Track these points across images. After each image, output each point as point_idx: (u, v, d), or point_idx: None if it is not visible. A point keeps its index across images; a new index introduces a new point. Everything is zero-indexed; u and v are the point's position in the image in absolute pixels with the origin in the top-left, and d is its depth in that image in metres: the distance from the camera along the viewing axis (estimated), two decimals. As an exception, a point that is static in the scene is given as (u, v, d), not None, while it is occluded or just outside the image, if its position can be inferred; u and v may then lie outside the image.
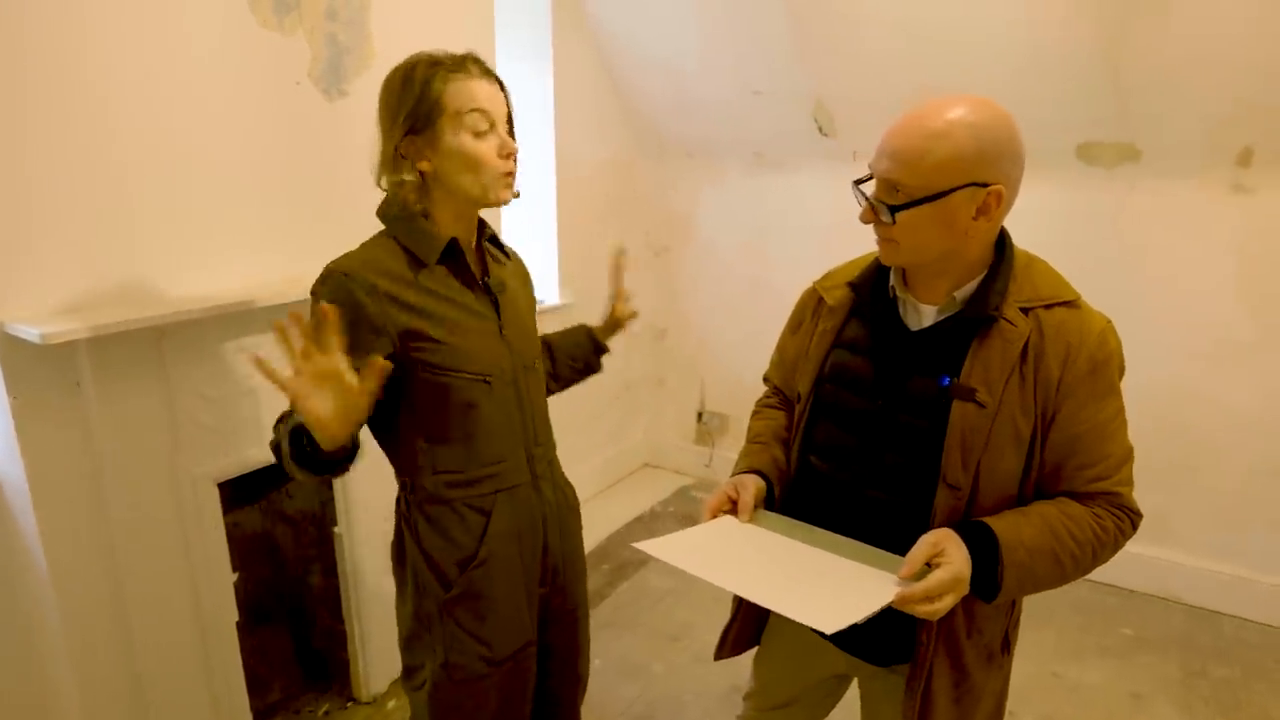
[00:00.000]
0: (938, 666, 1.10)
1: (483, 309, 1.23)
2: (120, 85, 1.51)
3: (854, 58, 2.69)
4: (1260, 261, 2.46)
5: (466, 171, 1.16)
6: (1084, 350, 1.01)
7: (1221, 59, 2.21)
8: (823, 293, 1.27)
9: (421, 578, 1.27)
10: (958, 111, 0.97)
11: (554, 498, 1.36)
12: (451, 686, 1.29)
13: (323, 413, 0.98)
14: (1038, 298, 1.05)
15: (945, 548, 0.97)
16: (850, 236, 3.53)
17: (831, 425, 1.19)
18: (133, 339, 1.55)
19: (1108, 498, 1.04)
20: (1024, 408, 1.02)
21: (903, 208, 1.00)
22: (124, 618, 1.66)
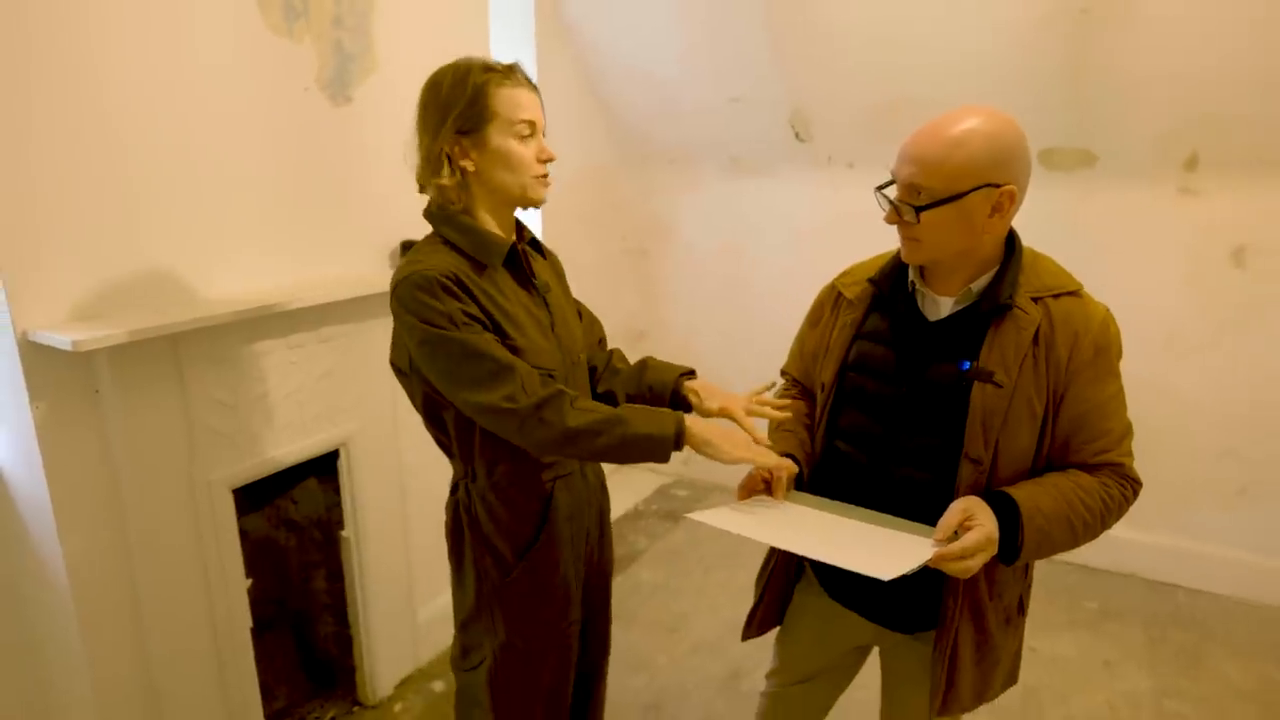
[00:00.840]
0: (963, 629, 1.19)
1: (536, 310, 1.29)
2: (133, 91, 1.52)
3: (830, 67, 2.81)
4: (1206, 259, 2.66)
5: (508, 172, 1.22)
6: (1089, 335, 1.11)
7: (1171, 74, 2.39)
8: (842, 289, 1.35)
9: (481, 563, 1.33)
10: (973, 121, 1.07)
11: (595, 482, 1.44)
12: (510, 664, 1.35)
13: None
14: (1045, 288, 1.14)
15: (975, 512, 1.06)
16: (826, 239, 3.70)
17: (856, 411, 1.27)
18: (150, 345, 1.55)
19: (1113, 468, 1.14)
20: (1037, 388, 1.11)
21: (926, 208, 1.09)
22: (140, 624, 1.66)
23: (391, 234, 2.12)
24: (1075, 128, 2.63)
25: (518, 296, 1.27)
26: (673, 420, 1.18)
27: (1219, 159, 2.55)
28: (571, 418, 1.14)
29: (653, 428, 1.16)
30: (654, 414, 1.19)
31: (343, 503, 2.08)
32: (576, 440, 1.15)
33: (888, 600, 1.25)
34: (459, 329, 1.15)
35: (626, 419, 1.17)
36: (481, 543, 1.32)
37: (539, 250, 1.42)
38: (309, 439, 1.92)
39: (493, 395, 1.14)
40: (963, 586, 1.16)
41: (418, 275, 1.16)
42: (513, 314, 1.24)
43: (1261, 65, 2.28)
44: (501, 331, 1.21)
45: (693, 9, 2.87)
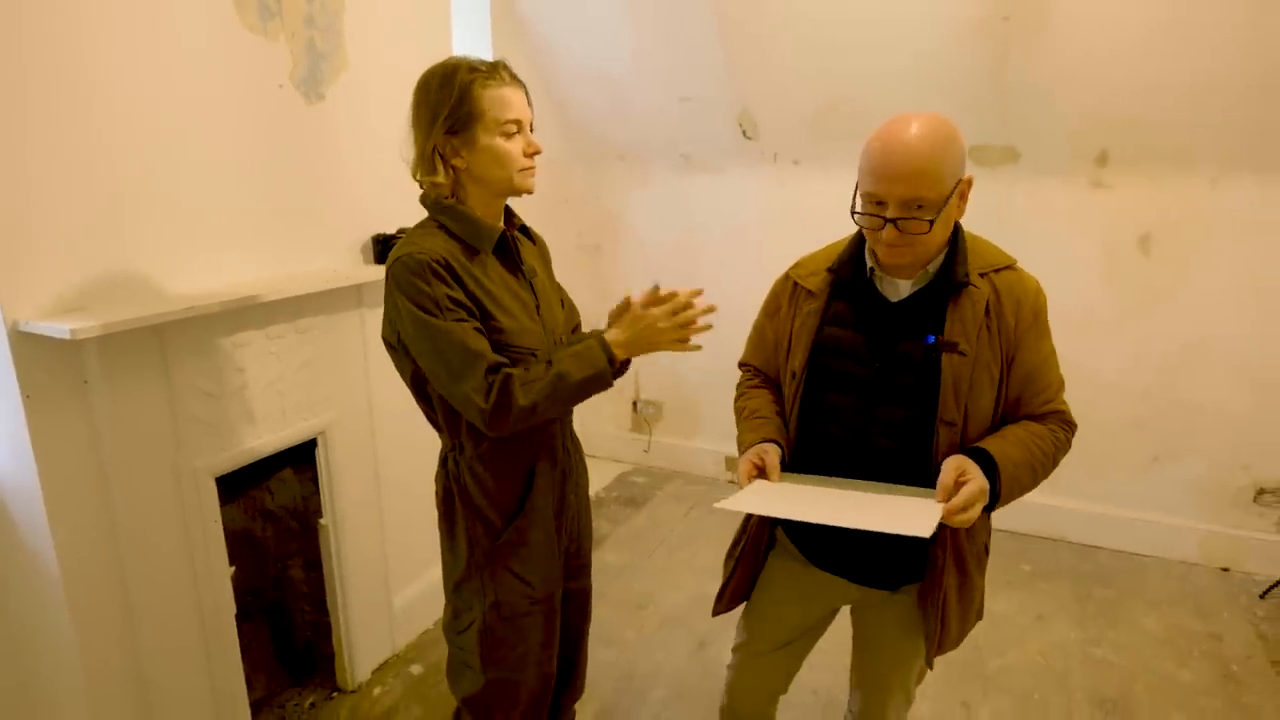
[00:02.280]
0: (948, 574, 1.31)
1: (524, 293, 1.38)
2: (116, 89, 1.55)
3: (776, 69, 2.97)
4: (1116, 247, 2.92)
5: (497, 168, 1.30)
6: (1029, 303, 1.26)
7: (1082, 78, 2.62)
8: (798, 280, 1.42)
9: (472, 530, 1.41)
10: (933, 128, 1.17)
11: (575, 455, 1.52)
12: (500, 623, 1.43)
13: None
14: (989, 265, 1.28)
15: (966, 469, 1.17)
16: (773, 233, 3.88)
17: (833, 391, 1.34)
18: (137, 336, 1.58)
19: (1056, 415, 1.29)
20: (993, 353, 1.24)
21: (936, 216, 1.18)
22: (130, 613, 1.68)
23: (364, 229, 2.17)
24: (1000, 126, 2.86)
25: (505, 280, 1.35)
26: (599, 350, 1.28)
27: (1126, 156, 2.80)
28: (522, 396, 1.23)
29: (588, 368, 1.27)
30: (582, 355, 1.28)
31: (320, 491, 2.12)
32: (534, 412, 1.25)
33: (873, 560, 1.36)
34: (442, 315, 1.23)
35: (564, 372, 1.26)
36: (472, 511, 1.40)
37: (529, 237, 1.51)
38: (289, 428, 1.96)
39: (462, 385, 1.23)
40: (949, 536, 1.28)
41: (410, 258, 1.25)
42: (499, 297, 1.32)
43: (1160, 72, 2.53)
44: (487, 313, 1.28)
45: (644, 12, 2.99)
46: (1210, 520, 3.02)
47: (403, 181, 2.24)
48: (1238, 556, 2.98)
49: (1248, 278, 2.76)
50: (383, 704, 2.24)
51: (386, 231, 2.20)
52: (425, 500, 2.49)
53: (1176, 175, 2.77)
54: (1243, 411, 2.88)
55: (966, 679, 2.36)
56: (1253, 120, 2.54)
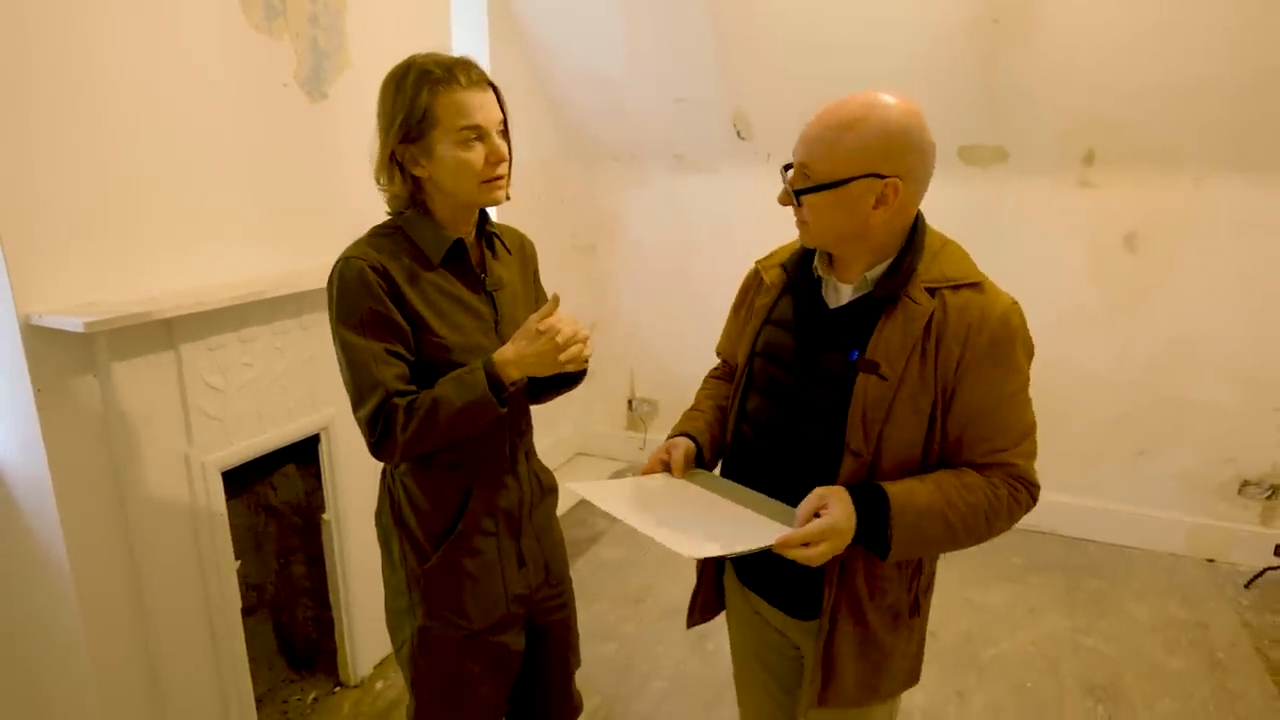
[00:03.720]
0: (842, 624, 1.15)
1: (481, 306, 1.28)
2: (121, 86, 1.57)
3: (770, 70, 3.01)
4: (1102, 244, 2.98)
5: (455, 179, 1.20)
6: (985, 329, 1.06)
7: (1069, 80, 2.68)
8: (762, 271, 1.33)
9: (402, 546, 1.33)
10: (867, 106, 1.04)
11: (530, 484, 1.39)
12: (428, 649, 1.34)
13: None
14: (944, 279, 1.09)
15: (828, 501, 1.04)
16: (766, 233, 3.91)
17: (760, 397, 1.24)
18: (147, 330, 1.60)
19: (1004, 469, 1.09)
20: (924, 382, 1.07)
21: (805, 192, 1.08)
22: (140, 606, 1.70)
23: (366, 225, 2.18)
24: (990, 127, 2.91)
25: (459, 294, 1.26)
26: (480, 377, 1.18)
27: (1112, 155, 2.86)
28: (400, 431, 1.17)
29: (467, 395, 1.17)
30: (463, 379, 1.19)
31: (324, 487, 2.14)
32: (416, 443, 1.18)
33: (785, 586, 1.23)
34: (358, 331, 1.18)
35: (444, 398, 1.17)
36: (402, 527, 1.32)
37: (505, 246, 1.39)
38: (294, 423, 1.98)
39: (359, 411, 1.20)
40: (837, 578, 1.14)
41: (348, 264, 1.19)
42: (446, 311, 1.24)
43: (1146, 74, 2.59)
44: (428, 328, 1.22)
45: (639, 13, 3.02)
46: (1196, 513, 3.08)
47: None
48: (1223, 548, 3.05)
49: (1232, 274, 2.82)
50: (385, 698, 2.26)
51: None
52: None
53: (1162, 175, 2.83)
54: (1227, 406, 2.95)
55: (960, 668, 2.40)
56: (1236, 121, 2.60)
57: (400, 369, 1.20)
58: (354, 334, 1.18)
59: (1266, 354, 2.86)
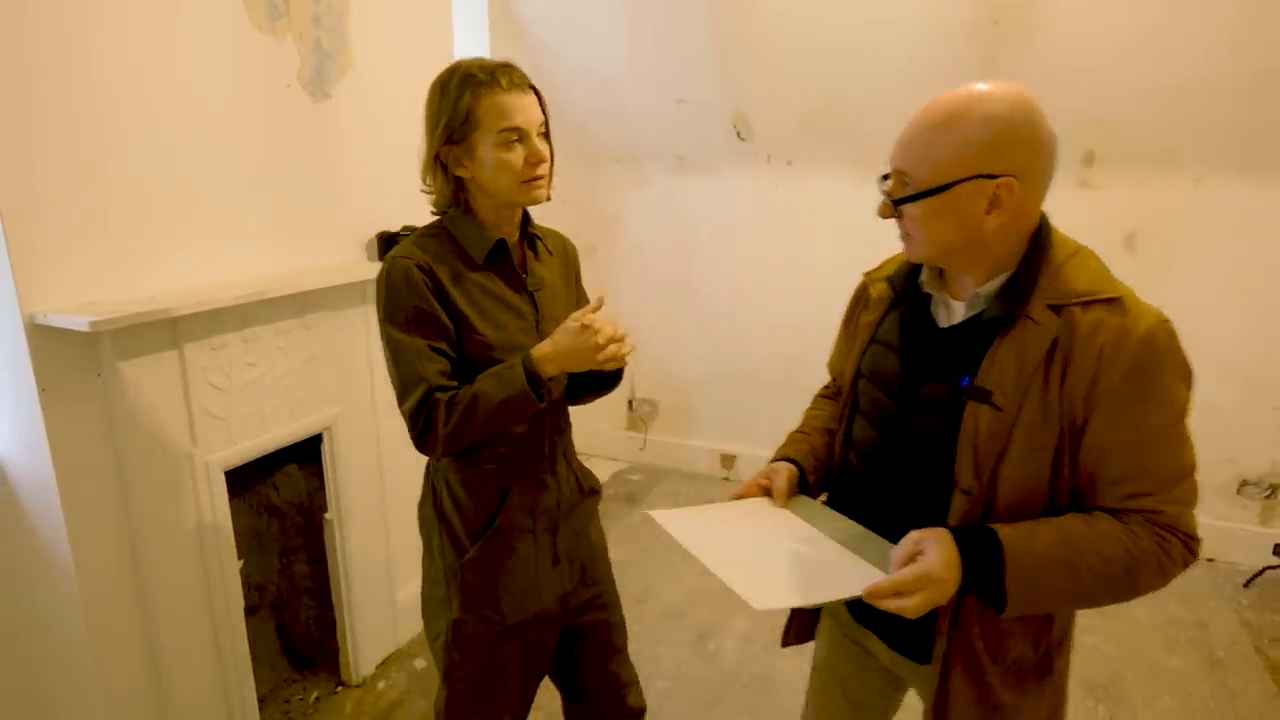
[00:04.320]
0: (957, 679, 1.04)
1: (522, 305, 1.32)
2: (125, 87, 1.57)
3: (770, 71, 3.02)
4: (1103, 245, 2.94)
5: (496, 179, 1.23)
6: (1122, 352, 0.91)
7: (1069, 81, 2.69)
8: (869, 283, 1.22)
9: (441, 540, 1.36)
10: (968, 99, 0.94)
11: (569, 484, 1.41)
12: (459, 644, 1.37)
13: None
14: (1072, 294, 0.95)
15: (925, 545, 0.93)
16: (766, 233, 3.92)
17: (866, 424, 1.14)
18: (151, 329, 1.61)
19: (1147, 515, 0.93)
20: (1047, 414, 0.94)
21: (904, 201, 0.98)
22: (143, 606, 1.70)
23: (369, 226, 2.20)
24: (989, 128, 2.92)
25: (502, 293, 1.30)
26: (519, 372, 1.20)
27: (1112, 156, 2.87)
28: (441, 425, 1.20)
29: (506, 390, 1.20)
30: (502, 374, 1.21)
31: (326, 486, 2.14)
32: (457, 437, 1.22)
33: (897, 621, 1.04)
34: (403, 328, 1.22)
35: (484, 393, 1.20)
36: (442, 521, 1.36)
37: (547, 246, 1.43)
38: (296, 422, 1.98)
39: (402, 404, 1.24)
40: (949, 627, 1.03)
41: (395, 263, 1.24)
42: (489, 309, 1.28)
43: (1145, 75, 2.59)
44: (471, 326, 1.25)
45: (640, 15, 3.03)
46: (1196, 512, 3.08)
47: (406, 179, 2.28)
48: (1222, 547, 3.05)
49: (1231, 275, 2.82)
50: (387, 698, 2.26)
51: (391, 229, 2.23)
52: (428, 496, 2.53)
53: (1161, 175, 2.84)
54: (1226, 406, 2.95)
55: (961, 667, 2.41)
56: (1236, 122, 2.61)
57: (443, 365, 1.24)
58: (400, 330, 1.23)
59: (1266, 354, 2.87)
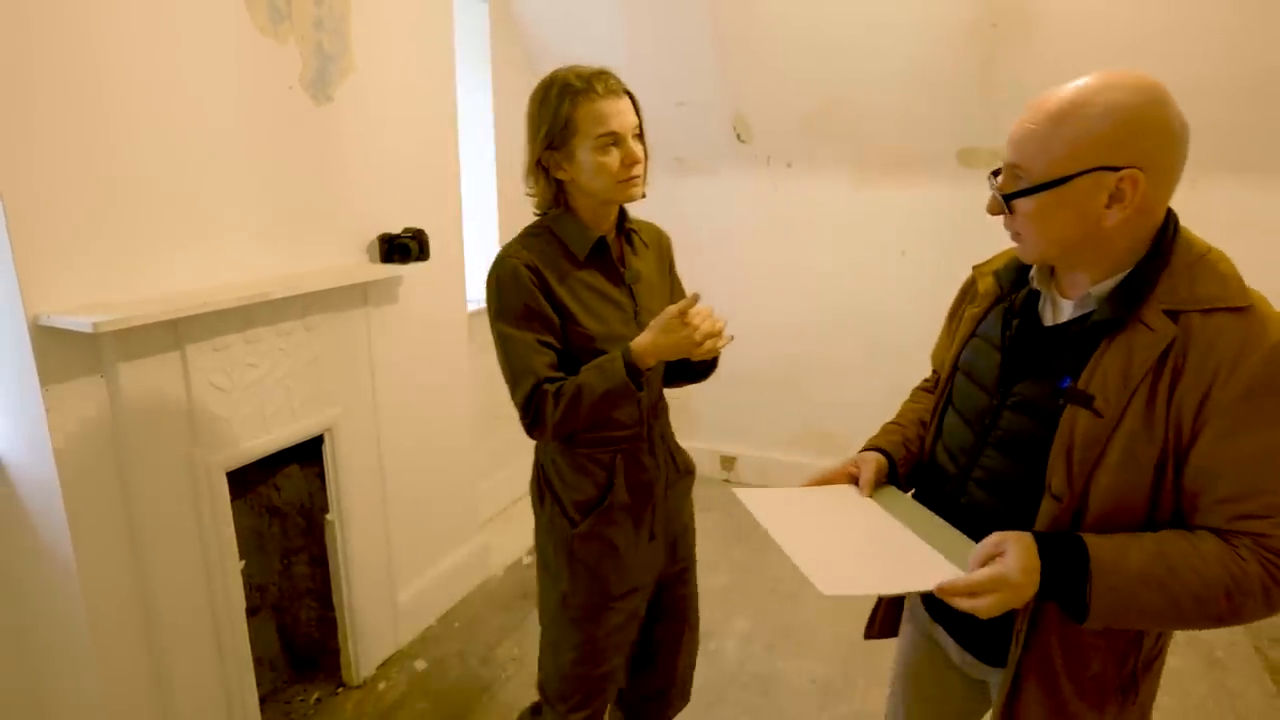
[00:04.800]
0: (1028, 687, 1.01)
1: (621, 298, 1.41)
2: (128, 89, 1.58)
3: (770, 72, 3.03)
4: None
5: (594, 180, 1.32)
6: (1243, 367, 0.86)
7: (1065, 80, 2.70)
8: (978, 277, 1.19)
9: (553, 516, 1.48)
10: (1087, 90, 0.90)
11: (666, 462, 1.52)
12: (567, 615, 1.50)
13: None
14: (1194, 300, 0.90)
15: (1006, 548, 0.90)
16: (767, 234, 3.91)
17: (957, 417, 1.13)
18: (155, 330, 1.61)
19: (1257, 539, 0.88)
20: (1151, 425, 0.89)
21: (1017, 195, 0.93)
22: (144, 604, 1.71)
23: (370, 228, 2.21)
24: (989, 129, 2.93)
25: (603, 287, 1.40)
26: (619, 365, 1.28)
27: (1110, 157, 2.88)
28: (550, 414, 1.31)
29: (608, 382, 1.28)
30: (604, 367, 1.30)
31: (327, 487, 2.14)
32: (564, 425, 1.32)
33: (971, 621, 1.01)
34: (513, 324, 1.33)
35: (587, 385, 1.29)
36: (554, 498, 1.48)
37: (642, 241, 1.51)
38: (298, 423, 1.99)
39: (514, 395, 1.35)
40: (1026, 637, 1.00)
41: (503, 262, 1.35)
42: (590, 303, 1.37)
43: (1142, 75, 2.61)
44: (574, 319, 1.35)
45: (640, 17, 3.04)
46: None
47: (407, 181, 2.30)
48: (1221, 548, 3.06)
49: (1228, 276, 2.83)
50: (388, 699, 2.26)
51: (392, 231, 2.24)
52: (430, 496, 2.54)
53: (1158, 177, 2.85)
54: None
55: (961, 667, 2.41)
56: (1232, 122, 2.62)
57: (550, 357, 1.33)
58: (510, 326, 1.33)
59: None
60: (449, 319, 2.58)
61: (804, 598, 2.80)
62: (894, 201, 3.22)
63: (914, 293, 3.17)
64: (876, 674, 2.38)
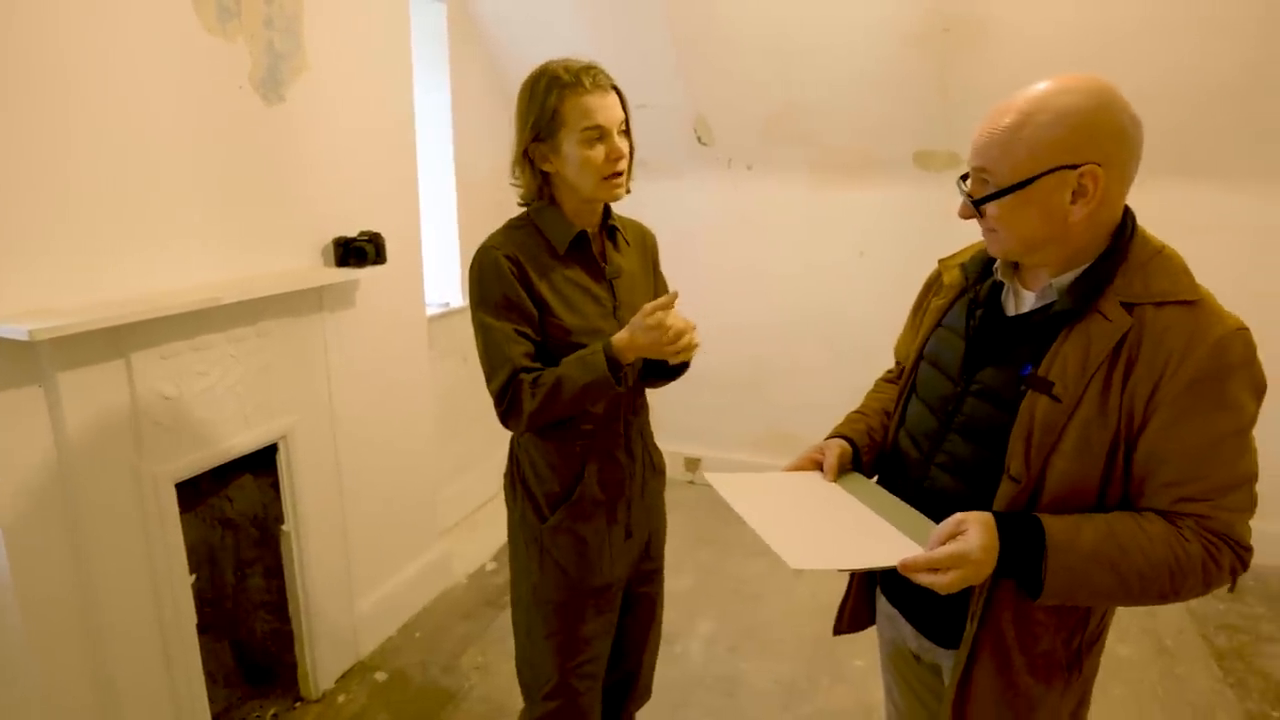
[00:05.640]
0: (982, 663, 1.05)
1: (601, 293, 1.42)
2: (71, 88, 1.52)
3: (729, 75, 3.05)
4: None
5: (578, 175, 1.34)
6: (1191, 358, 0.90)
7: (1018, 85, 2.76)
8: (943, 270, 1.24)
9: (525, 508, 1.49)
10: (1044, 94, 0.94)
11: (642, 461, 1.53)
12: (538, 606, 1.51)
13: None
14: (1148, 293, 0.94)
15: (967, 526, 0.93)
16: (728, 236, 3.92)
17: (921, 404, 1.17)
18: (96, 338, 1.55)
19: (1199, 520, 0.93)
20: (1105, 411, 0.94)
21: (986, 199, 0.97)
22: (88, 621, 1.64)
23: (325, 231, 2.16)
24: (944, 132, 2.98)
25: (583, 281, 1.41)
26: (600, 358, 1.30)
27: (1060, 160, 2.95)
28: (528, 402, 1.33)
29: (589, 374, 1.30)
30: (586, 360, 1.31)
31: (282, 497, 2.09)
32: (540, 415, 1.33)
33: (927, 605, 1.13)
34: (493, 313, 1.34)
35: (568, 376, 1.31)
36: (526, 491, 1.49)
37: (625, 238, 1.51)
38: (250, 432, 1.94)
39: (491, 383, 1.36)
40: (982, 612, 1.04)
41: (485, 252, 1.37)
42: (570, 296, 1.39)
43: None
44: (552, 310, 1.37)
45: (600, 17, 3.03)
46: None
47: (363, 184, 2.26)
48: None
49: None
50: (347, 711, 2.22)
51: (348, 234, 2.19)
52: (389, 504, 2.50)
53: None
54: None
55: (922, 663, 2.44)
56: (1176, 129, 2.70)
57: (527, 347, 1.35)
58: (490, 316, 1.35)
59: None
60: (408, 323, 2.54)
61: (767, 598, 2.82)
62: (853, 203, 3.26)
63: (874, 293, 3.22)
64: (839, 672, 2.40)
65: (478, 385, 1.69)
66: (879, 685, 2.31)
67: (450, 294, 3.25)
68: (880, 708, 2.21)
